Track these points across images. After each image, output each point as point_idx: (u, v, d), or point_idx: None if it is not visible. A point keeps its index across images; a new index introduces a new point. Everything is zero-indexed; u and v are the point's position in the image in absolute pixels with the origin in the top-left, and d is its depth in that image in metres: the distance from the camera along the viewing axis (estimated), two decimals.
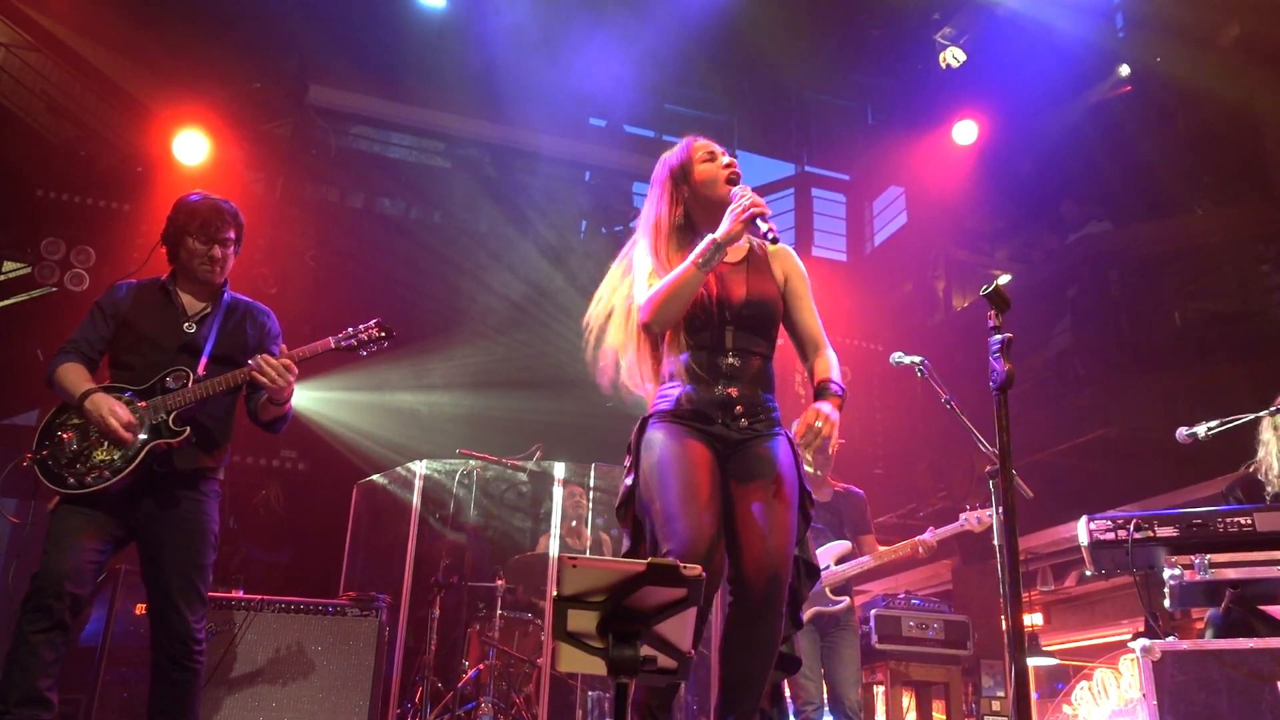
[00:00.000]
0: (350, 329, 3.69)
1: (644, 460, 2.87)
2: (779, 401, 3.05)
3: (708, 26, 10.18)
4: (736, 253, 3.09)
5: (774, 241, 2.95)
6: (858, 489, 5.87)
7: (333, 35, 10.98)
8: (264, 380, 3.40)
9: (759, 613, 2.72)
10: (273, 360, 3.43)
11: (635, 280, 3.03)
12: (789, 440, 2.96)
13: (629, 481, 2.93)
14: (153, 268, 3.89)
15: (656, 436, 2.87)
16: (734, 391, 2.89)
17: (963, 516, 5.47)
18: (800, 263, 3.22)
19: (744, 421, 2.89)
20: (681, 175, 3.08)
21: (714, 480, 2.81)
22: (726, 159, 3.10)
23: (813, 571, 2.97)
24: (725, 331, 2.93)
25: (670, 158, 3.14)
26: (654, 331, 2.96)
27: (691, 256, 2.86)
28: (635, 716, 2.73)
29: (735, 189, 2.96)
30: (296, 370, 3.47)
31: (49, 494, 3.42)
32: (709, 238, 2.87)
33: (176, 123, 9.06)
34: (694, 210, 3.07)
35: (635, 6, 10.00)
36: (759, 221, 2.85)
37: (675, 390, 2.92)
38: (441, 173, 12.64)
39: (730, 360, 2.92)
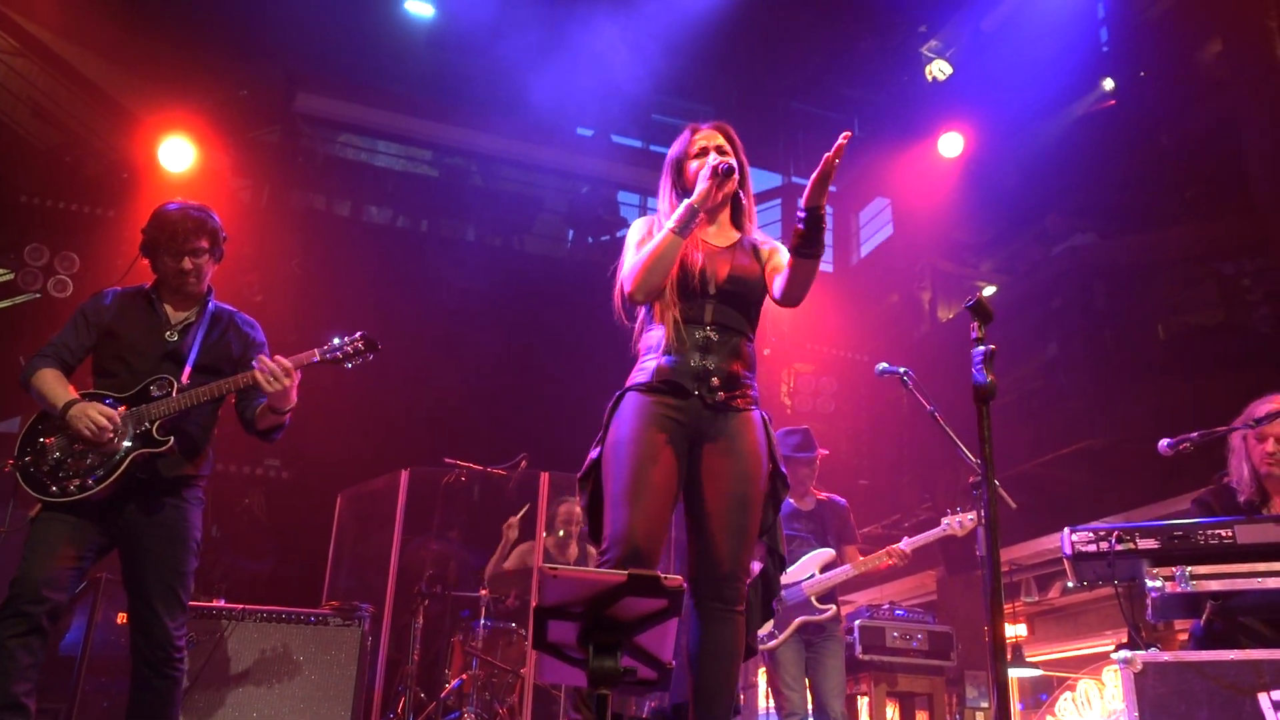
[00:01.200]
0: (336, 341, 3.67)
1: (610, 435, 2.91)
2: (767, 411, 3.07)
3: (695, 37, 10.21)
4: (727, 238, 3.16)
5: (730, 173, 2.99)
6: (840, 498, 5.88)
7: (320, 43, 10.97)
8: (266, 383, 3.38)
9: (724, 615, 2.76)
10: (267, 363, 3.41)
11: (626, 254, 3.11)
12: (764, 420, 2.98)
13: (595, 454, 2.96)
14: (138, 275, 3.87)
15: (626, 413, 2.90)
16: (710, 364, 2.92)
17: (944, 521, 5.48)
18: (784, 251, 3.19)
19: (720, 394, 2.91)
20: (677, 170, 3.17)
21: (670, 472, 2.83)
22: (713, 159, 3.10)
23: (781, 560, 2.99)
24: (706, 305, 2.98)
25: (673, 149, 3.22)
26: (638, 301, 3.00)
27: (669, 223, 2.93)
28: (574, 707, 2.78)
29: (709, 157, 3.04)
30: (297, 375, 3.46)
31: (29, 500, 3.39)
32: (684, 202, 2.94)
33: (162, 129, 9.03)
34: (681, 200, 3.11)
35: (623, 17, 10.03)
36: (719, 168, 2.94)
37: (653, 362, 2.96)
38: (428, 181, 12.64)
39: (709, 333, 2.96)
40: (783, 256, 3.13)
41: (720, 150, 3.17)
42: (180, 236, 3.59)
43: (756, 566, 2.96)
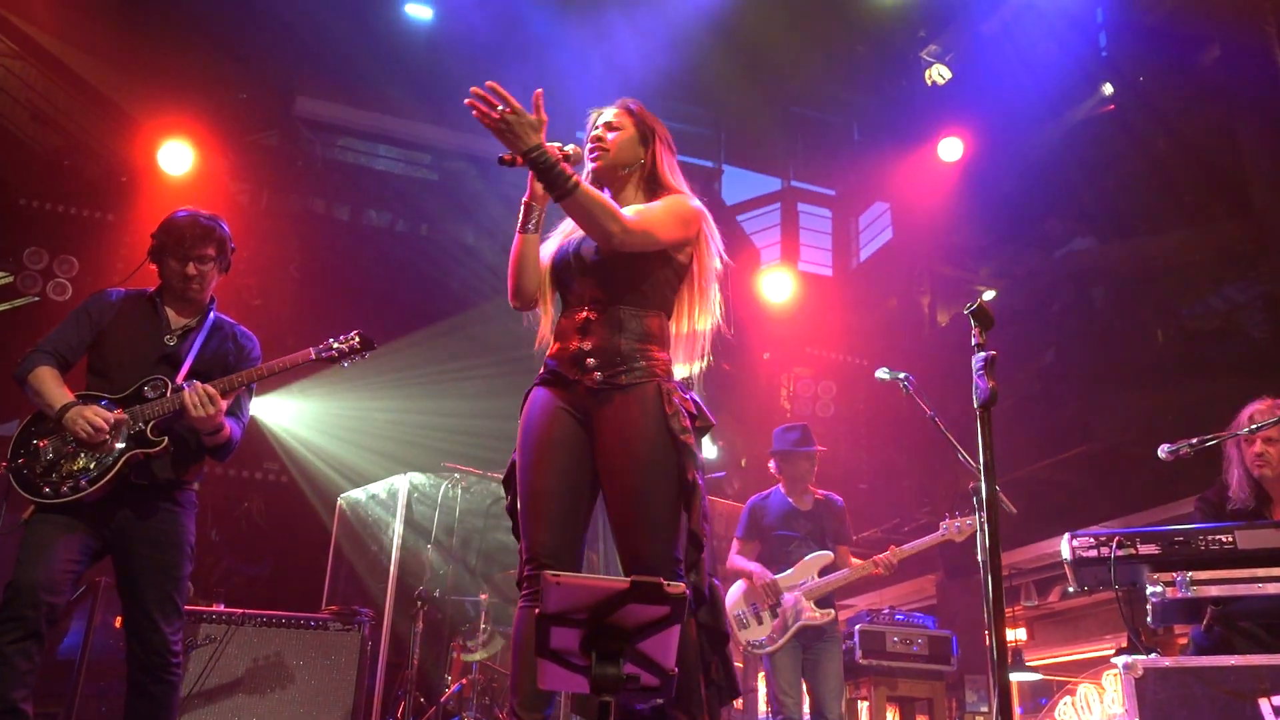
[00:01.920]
0: (331, 340, 3.69)
1: (519, 438, 2.88)
2: (761, 414, 3.03)
3: (694, 42, 10.22)
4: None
5: (511, 163, 2.82)
6: (837, 496, 5.88)
7: (320, 46, 10.96)
8: (192, 406, 3.38)
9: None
10: (199, 387, 3.40)
11: None
12: (660, 391, 2.78)
13: (514, 457, 2.90)
14: (142, 278, 3.87)
15: (527, 413, 2.89)
16: (588, 344, 2.82)
17: (943, 525, 5.48)
18: (681, 199, 3.01)
19: (598, 375, 2.78)
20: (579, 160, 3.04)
21: (571, 474, 2.76)
22: (589, 145, 3.04)
23: (696, 539, 2.73)
24: (585, 285, 2.90)
25: None
26: (517, 306, 3.00)
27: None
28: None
29: None
30: (220, 403, 3.44)
31: (22, 503, 3.39)
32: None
33: (162, 133, 9.03)
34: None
35: (622, 21, 10.04)
36: (560, 151, 2.83)
37: (548, 352, 2.94)
38: (428, 185, 12.63)
39: (588, 313, 2.86)
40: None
41: (609, 126, 3.08)
42: (188, 242, 3.61)
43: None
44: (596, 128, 3.11)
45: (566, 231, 3.08)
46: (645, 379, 2.79)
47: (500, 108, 2.69)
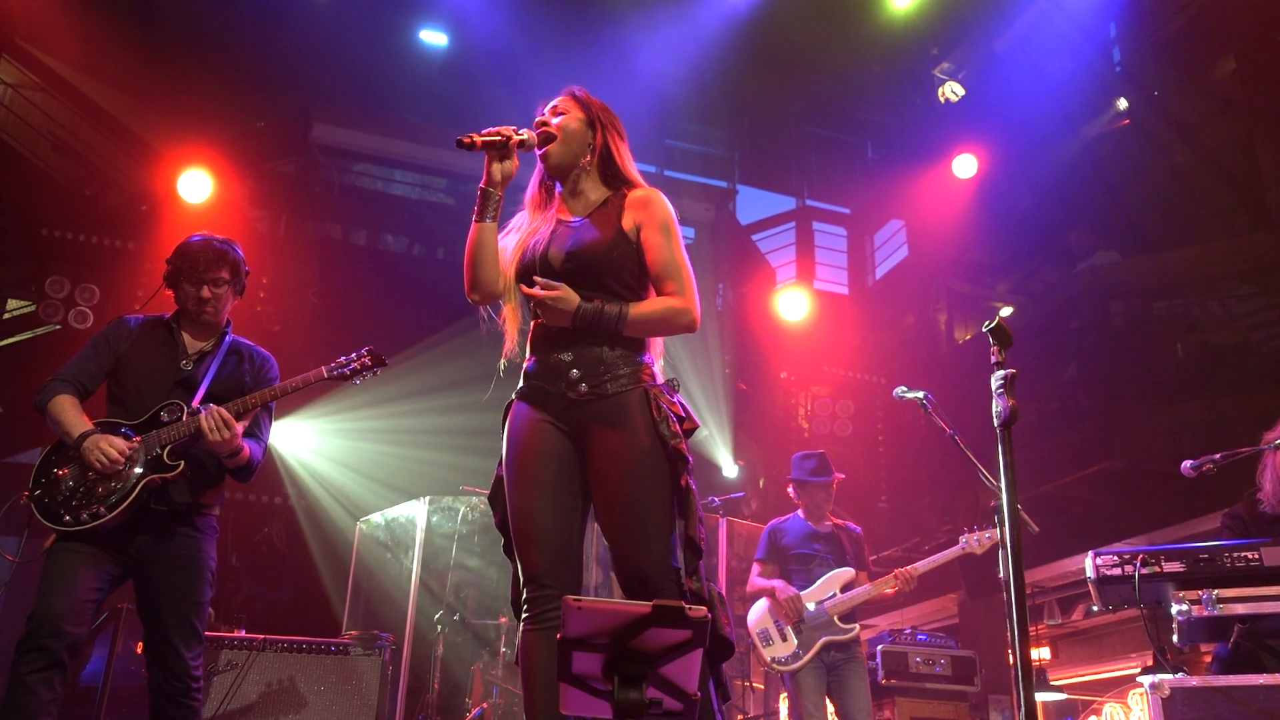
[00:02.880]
0: (343, 358, 3.70)
1: (504, 453, 2.77)
2: (778, 433, 2.98)
3: (708, 62, 10.28)
4: (587, 206, 2.91)
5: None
6: (855, 525, 5.86)
7: (336, 74, 11.09)
8: (208, 430, 3.39)
9: None
10: (214, 411, 3.42)
11: None
12: (648, 396, 2.68)
13: (500, 471, 2.80)
14: (160, 305, 3.90)
15: (510, 428, 2.77)
16: (569, 354, 2.70)
17: (962, 539, 5.43)
18: (661, 207, 2.86)
19: (583, 387, 2.67)
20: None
21: (558, 490, 2.66)
22: (535, 129, 2.90)
23: (693, 546, 2.65)
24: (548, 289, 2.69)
25: None
26: (476, 301, 2.85)
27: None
28: None
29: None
30: (235, 426, 3.45)
31: (44, 531, 3.41)
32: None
33: (181, 162, 9.13)
34: (537, 183, 3.00)
35: (637, 43, 10.10)
36: (463, 140, 2.76)
37: (525, 364, 2.82)
38: (444, 209, 12.72)
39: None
40: (649, 229, 2.81)
41: (554, 111, 2.94)
42: (201, 265, 3.63)
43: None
44: (546, 117, 2.95)
45: (526, 229, 2.94)
46: (632, 385, 2.68)
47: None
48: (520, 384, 2.82)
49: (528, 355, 2.84)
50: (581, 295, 2.67)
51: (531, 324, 2.84)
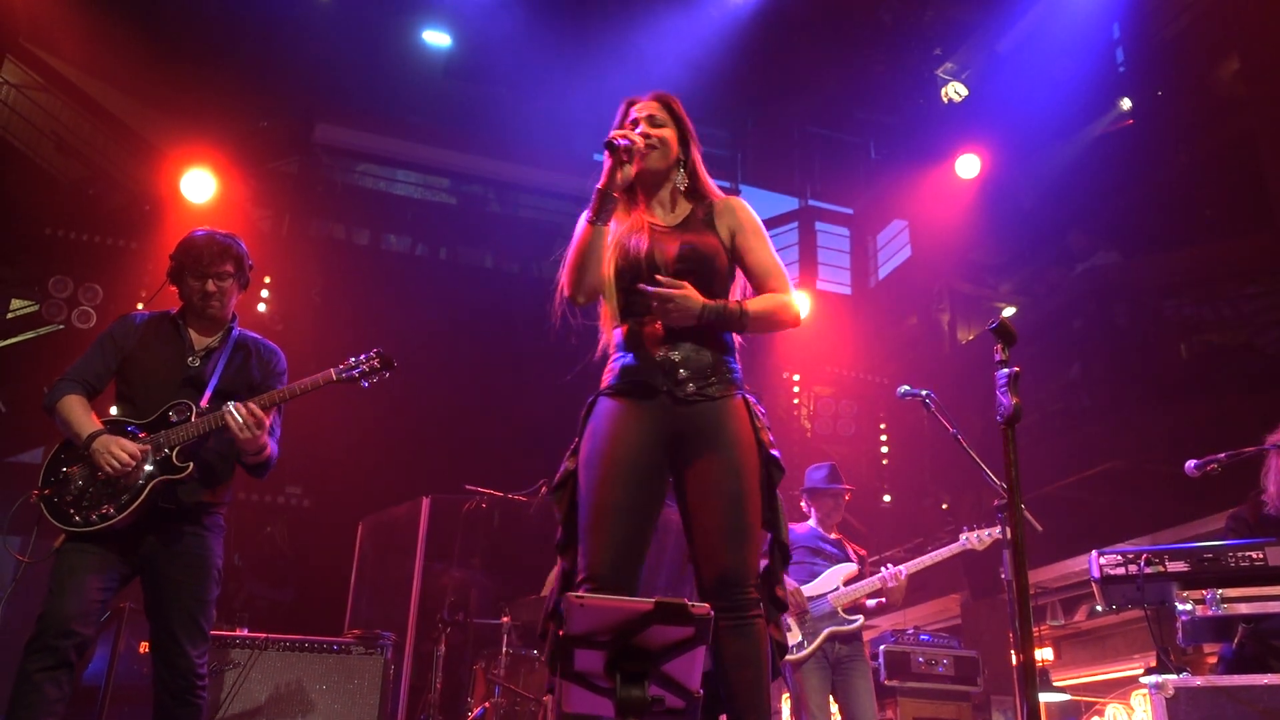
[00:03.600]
0: (351, 360, 3.69)
1: (583, 447, 2.75)
2: (781, 432, 2.98)
3: (710, 62, 10.27)
4: (675, 215, 2.96)
5: (627, 149, 2.78)
6: (860, 549, 5.87)
7: (338, 74, 11.09)
8: (236, 428, 3.39)
9: (738, 627, 2.59)
10: (244, 409, 3.42)
11: None
12: (748, 403, 2.77)
13: (569, 465, 2.80)
14: (164, 300, 3.90)
15: (597, 422, 2.75)
16: (676, 354, 2.73)
17: (963, 536, 5.42)
18: (750, 213, 2.98)
19: (690, 387, 2.71)
20: (612, 149, 2.91)
21: (645, 488, 2.67)
22: (636, 132, 2.90)
23: (785, 553, 2.78)
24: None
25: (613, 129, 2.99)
26: (580, 302, 2.85)
27: (584, 214, 2.80)
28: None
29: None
30: (264, 421, 3.46)
31: (51, 531, 3.40)
32: (594, 189, 2.78)
33: (184, 161, 9.13)
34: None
35: (639, 43, 10.09)
36: (616, 143, 2.76)
37: (619, 361, 2.80)
38: (446, 209, 12.73)
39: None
40: (747, 234, 2.91)
41: (652, 121, 2.95)
42: (205, 259, 3.63)
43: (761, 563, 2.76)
44: (637, 120, 2.96)
45: (616, 231, 2.92)
46: (733, 391, 2.76)
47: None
48: (612, 381, 2.80)
49: (618, 353, 2.83)
50: (700, 292, 2.73)
51: (624, 323, 2.84)
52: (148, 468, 3.42)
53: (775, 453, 2.76)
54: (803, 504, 5.80)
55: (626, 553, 2.63)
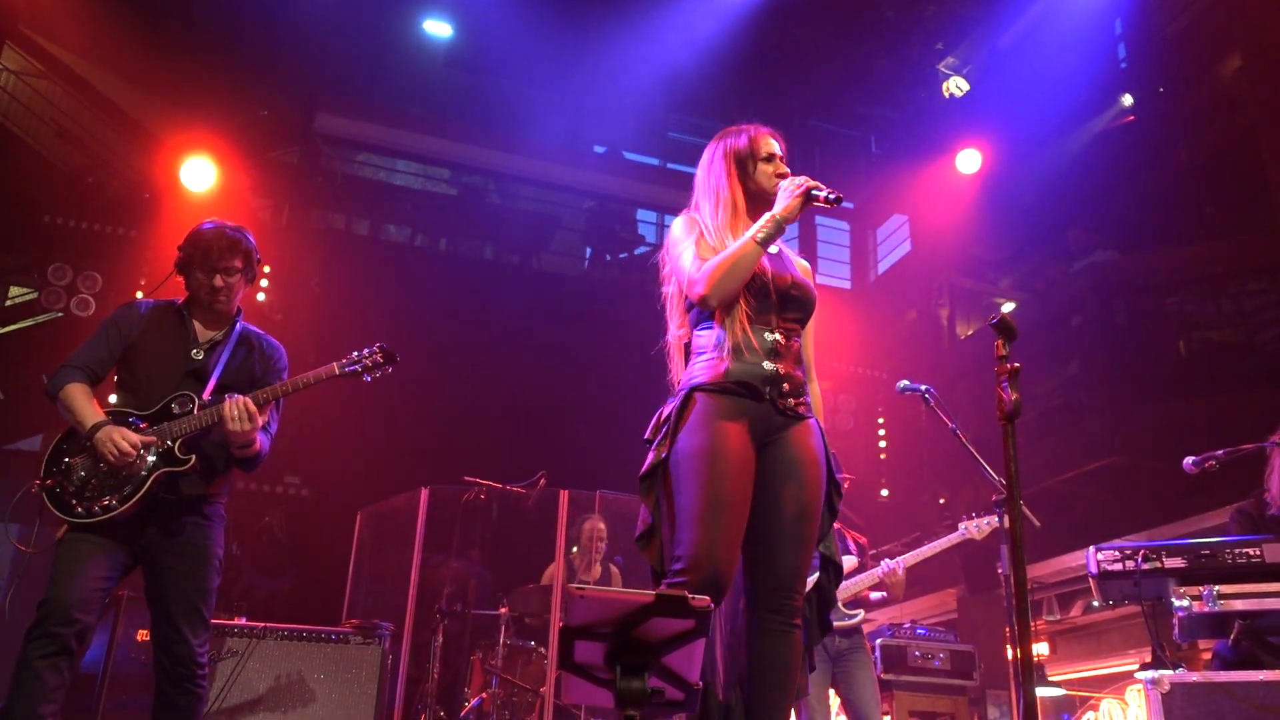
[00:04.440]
0: (355, 354, 3.69)
1: (683, 439, 2.81)
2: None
3: (711, 55, 10.25)
4: (772, 246, 3.07)
5: (838, 201, 2.96)
6: (860, 536, 5.86)
7: (339, 63, 11.06)
8: (230, 420, 3.39)
9: (783, 631, 2.69)
10: (239, 402, 3.42)
11: (682, 252, 3.00)
12: (820, 428, 2.97)
13: (662, 455, 2.85)
14: (169, 290, 3.89)
15: (699, 416, 2.81)
16: (782, 368, 2.89)
17: (961, 526, 5.41)
18: (805, 266, 3.23)
19: (790, 400, 2.88)
20: (746, 161, 3.09)
21: (747, 484, 2.77)
22: (782, 168, 3.10)
23: (838, 570, 2.95)
24: (772, 310, 2.93)
25: (736, 141, 3.13)
26: (711, 305, 2.90)
27: (751, 231, 2.88)
28: None
29: (785, 179, 3.00)
30: (258, 418, 3.46)
31: (54, 520, 3.41)
32: (768, 215, 2.90)
33: (184, 150, 9.12)
34: (745, 195, 3.08)
35: (639, 36, 10.08)
36: (815, 192, 2.91)
37: (721, 363, 2.87)
38: (446, 200, 12.71)
39: (778, 336, 2.92)
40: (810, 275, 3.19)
41: (781, 159, 3.15)
42: (215, 253, 3.62)
43: (811, 579, 2.88)
44: (774, 156, 3.12)
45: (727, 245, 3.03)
46: (812, 413, 2.97)
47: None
48: (715, 379, 2.86)
49: (718, 353, 2.90)
50: (796, 327, 3.00)
51: (745, 326, 2.91)
52: (151, 459, 3.42)
53: (840, 476, 2.97)
54: None
55: (732, 548, 2.70)
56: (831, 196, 2.91)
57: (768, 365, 2.86)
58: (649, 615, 1.88)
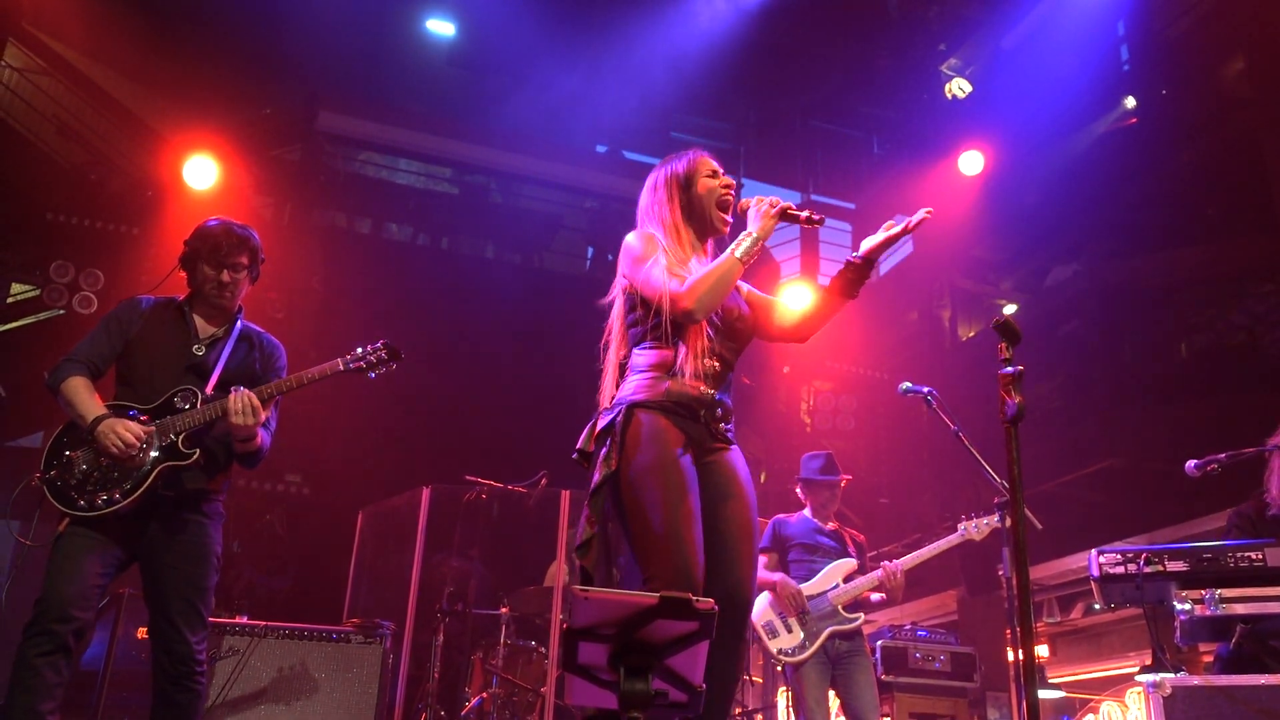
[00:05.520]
0: (359, 350, 3.70)
1: (634, 456, 2.84)
2: (781, 427, 3.09)
3: (714, 55, 10.25)
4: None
5: (819, 222, 3.08)
6: (859, 534, 5.85)
7: (342, 62, 11.08)
8: (234, 413, 3.40)
9: (732, 644, 2.73)
10: (245, 395, 3.42)
11: (650, 269, 3.03)
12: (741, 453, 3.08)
13: (611, 468, 2.87)
14: (170, 287, 3.89)
15: (647, 434, 2.86)
16: (718, 394, 2.99)
17: (961, 526, 5.40)
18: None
19: (721, 425, 2.98)
20: (686, 183, 3.18)
21: (697, 496, 2.85)
22: (726, 179, 3.21)
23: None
24: (713, 337, 3.02)
25: (676, 164, 3.23)
26: (695, 319, 2.96)
27: (731, 249, 2.97)
28: None
29: (753, 198, 3.10)
30: (262, 412, 3.47)
31: (53, 514, 3.40)
32: (745, 233, 3.00)
33: (187, 148, 9.10)
34: (686, 218, 3.17)
35: (643, 36, 10.08)
36: (791, 212, 3.02)
37: (661, 383, 2.94)
38: (448, 199, 12.71)
39: (714, 363, 3.00)
40: (788, 303, 3.24)
41: (727, 188, 3.25)
42: (223, 249, 3.63)
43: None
44: (730, 186, 3.25)
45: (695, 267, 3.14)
46: (735, 441, 3.07)
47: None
48: (655, 398, 2.92)
49: (657, 374, 2.98)
50: (731, 360, 3.07)
51: (680, 348, 3.00)
52: (153, 453, 3.42)
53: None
54: (798, 492, 5.78)
55: (699, 560, 2.76)
56: (814, 218, 3.03)
57: (705, 390, 2.95)
58: (653, 617, 1.88)
